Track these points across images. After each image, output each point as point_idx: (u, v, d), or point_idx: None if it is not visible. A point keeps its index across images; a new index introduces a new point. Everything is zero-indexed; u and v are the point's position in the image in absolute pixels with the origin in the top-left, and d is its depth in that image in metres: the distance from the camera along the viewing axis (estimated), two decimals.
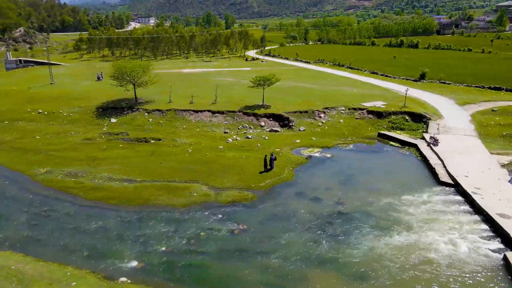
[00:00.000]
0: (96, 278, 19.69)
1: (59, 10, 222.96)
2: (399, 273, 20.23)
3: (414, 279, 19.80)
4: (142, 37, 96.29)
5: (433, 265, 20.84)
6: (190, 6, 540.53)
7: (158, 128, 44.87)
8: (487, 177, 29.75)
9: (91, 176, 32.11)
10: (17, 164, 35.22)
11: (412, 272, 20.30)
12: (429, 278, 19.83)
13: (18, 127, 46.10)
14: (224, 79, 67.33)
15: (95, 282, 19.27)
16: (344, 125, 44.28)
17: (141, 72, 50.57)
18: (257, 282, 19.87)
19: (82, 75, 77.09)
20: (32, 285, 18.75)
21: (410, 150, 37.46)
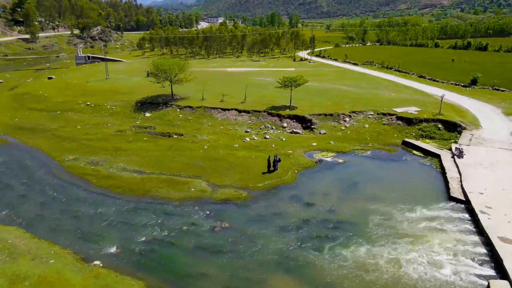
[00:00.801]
0: (74, 258, 21.49)
1: (135, 11, 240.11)
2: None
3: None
4: (196, 36, 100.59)
5: (405, 286, 19.54)
6: (259, 6, 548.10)
7: (185, 124, 46.81)
8: (506, 196, 26.83)
9: (108, 165, 34.71)
10: (52, 150, 39.18)
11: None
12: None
13: (66, 117, 51.05)
14: (263, 79, 67.76)
15: (71, 262, 21.06)
16: (368, 130, 42.43)
17: (177, 70, 52.97)
18: (218, 280, 20.26)
19: (135, 71, 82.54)
20: (18, 258, 21.08)
21: (432, 161, 34.91)
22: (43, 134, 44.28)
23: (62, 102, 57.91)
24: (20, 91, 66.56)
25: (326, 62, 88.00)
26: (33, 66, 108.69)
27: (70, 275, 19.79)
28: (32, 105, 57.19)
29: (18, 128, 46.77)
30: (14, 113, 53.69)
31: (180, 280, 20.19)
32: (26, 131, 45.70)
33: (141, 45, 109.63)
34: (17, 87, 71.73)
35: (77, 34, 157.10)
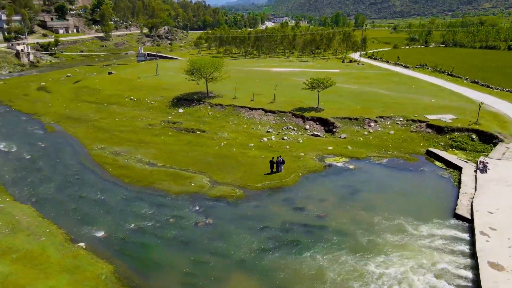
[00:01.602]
0: (64, 238, 23.57)
1: (202, 11, 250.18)
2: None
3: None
4: (248, 36, 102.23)
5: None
6: (329, 6, 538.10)
7: (212, 121, 48.17)
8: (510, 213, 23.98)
9: (127, 156, 37.11)
10: (87, 139, 42.81)
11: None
12: None
13: (109, 110, 55.28)
14: (302, 80, 66.76)
15: (59, 241, 23.13)
16: (392, 137, 40.14)
17: (211, 69, 54.56)
18: (180, 273, 20.94)
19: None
20: (17, 233, 23.67)
21: (452, 174, 32.14)
22: (84, 124, 48.49)
23: (111, 95, 62.65)
24: (80, 85, 73.22)
25: (376, 64, 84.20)
26: (102, 62, 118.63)
27: (52, 252, 21.79)
28: (85, 98, 62.70)
29: (66, 118, 51.73)
30: (68, 104, 59.37)
31: (146, 269, 21.19)
32: (72, 120, 50.40)
33: (197, 44, 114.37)
34: (80, 80, 78.89)
35: (146, 33, 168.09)
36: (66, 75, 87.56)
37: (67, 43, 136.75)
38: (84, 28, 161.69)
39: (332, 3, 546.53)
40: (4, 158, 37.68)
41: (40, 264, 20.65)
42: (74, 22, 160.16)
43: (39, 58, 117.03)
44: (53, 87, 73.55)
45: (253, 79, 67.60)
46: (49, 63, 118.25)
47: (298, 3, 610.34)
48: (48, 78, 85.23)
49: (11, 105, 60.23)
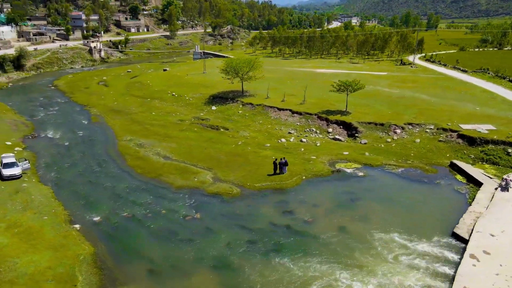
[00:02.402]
0: (64, 219, 25.88)
1: (268, 11, 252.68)
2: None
3: None
4: (300, 37, 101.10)
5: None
6: (404, 5, 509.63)
7: (239, 120, 48.95)
8: None
9: (148, 149, 39.34)
10: (121, 130, 46.08)
11: None
12: None
13: (150, 104, 58.70)
14: None
15: (58, 221, 25.46)
16: (417, 145, 37.52)
17: (246, 69, 55.36)
18: (152, 262, 21.91)
19: None
20: (27, 210, 26.52)
21: (470, 190, 29.35)
22: (124, 116, 52.17)
23: (157, 91, 66.40)
24: (135, 80, 78.55)
25: (431, 68, 78.48)
26: (164, 59, 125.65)
27: (48, 231, 24.14)
28: (134, 92, 67.21)
29: (111, 110, 56.04)
30: (118, 98, 64.14)
31: (123, 254, 22.58)
32: (114, 112, 54.49)
33: (252, 44, 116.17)
34: (137, 76, 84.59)
35: (209, 32, 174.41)
36: (127, 71, 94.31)
37: (136, 41, 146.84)
38: (154, 27, 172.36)
39: (408, 1, 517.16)
40: (46, 144, 42.07)
41: (33, 239, 23.06)
42: (145, 21, 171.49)
43: (110, 55, 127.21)
44: (111, 81, 79.78)
45: (293, 80, 67.16)
46: (118, 59, 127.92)
47: (371, 2, 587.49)
48: (111, 73, 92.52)
49: (71, 97, 66.59)
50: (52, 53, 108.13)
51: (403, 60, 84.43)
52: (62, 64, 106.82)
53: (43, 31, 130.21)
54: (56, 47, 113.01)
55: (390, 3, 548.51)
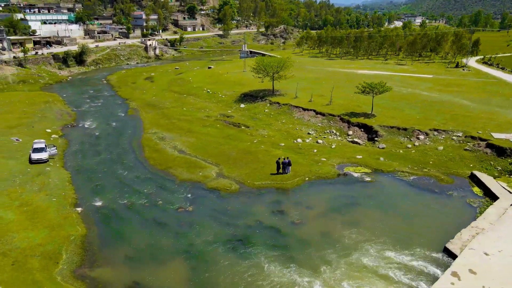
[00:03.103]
0: (70, 202, 27.91)
1: (325, 10, 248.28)
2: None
3: None
4: (346, 37, 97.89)
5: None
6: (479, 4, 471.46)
7: (263, 118, 49.05)
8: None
9: (168, 142, 40.93)
10: (149, 123, 48.41)
11: None
12: None
13: (184, 100, 60.80)
14: None
15: (64, 204, 27.53)
16: (439, 153, 34.95)
17: (276, 68, 55.25)
18: (136, 249, 22.97)
19: None
20: (41, 191, 29.01)
21: (484, 204, 26.85)
22: (156, 111, 54.67)
23: (195, 87, 68.62)
24: (178, 77, 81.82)
25: (485, 71, 72.02)
26: (214, 57, 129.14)
27: (52, 211, 26.25)
28: (174, 88, 70.06)
29: (147, 104, 59.00)
30: (157, 93, 67.27)
31: (110, 239, 23.91)
32: (150, 107, 57.29)
33: (299, 44, 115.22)
34: (182, 73, 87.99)
35: (262, 32, 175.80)
36: (175, 68, 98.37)
37: (191, 39, 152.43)
38: (209, 27, 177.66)
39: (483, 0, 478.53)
40: (80, 133, 45.49)
41: (36, 218, 25.25)
42: (202, 21, 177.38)
43: (164, 52, 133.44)
44: (157, 77, 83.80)
45: (329, 80, 65.66)
46: (172, 56, 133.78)
47: (441, 1, 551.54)
48: (159, 69, 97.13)
49: (117, 91, 71.10)
50: (111, 50, 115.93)
51: (459, 62, 78.54)
52: (119, 60, 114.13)
53: (106, 30, 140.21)
54: (115, 44, 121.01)
55: (463, 1, 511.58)
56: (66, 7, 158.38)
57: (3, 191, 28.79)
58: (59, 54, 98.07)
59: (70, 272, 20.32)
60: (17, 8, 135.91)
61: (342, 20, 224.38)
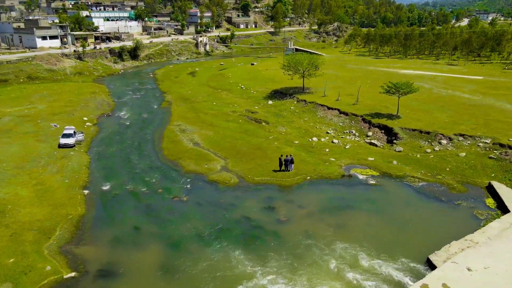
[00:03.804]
0: (80, 184, 30.01)
1: (385, 7, 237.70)
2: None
3: None
4: (395, 35, 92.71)
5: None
6: None
7: (286, 115, 48.68)
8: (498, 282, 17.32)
9: (187, 134, 42.24)
10: (176, 116, 50.16)
11: None
12: None
13: (217, 95, 62.06)
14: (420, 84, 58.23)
15: (74, 185, 29.68)
16: (459, 160, 32.33)
17: (306, 65, 54.43)
18: (122, 232, 24.23)
19: None
20: (57, 173, 31.55)
21: (494, 217, 24.50)
22: (187, 104, 56.48)
23: (231, 83, 69.78)
24: (219, 72, 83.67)
25: None
26: (262, 54, 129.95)
27: (61, 192, 28.44)
28: (211, 83, 71.83)
29: (181, 98, 61.17)
30: (195, 87, 69.39)
31: (103, 221, 25.41)
32: (182, 100, 59.34)
33: (348, 42, 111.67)
34: (225, 69, 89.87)
35: (314, 29, 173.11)
36: (220, 64, 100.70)
37: (242, 36, 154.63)
38: (262, 24, 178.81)
39: None
40: (112, 122, 48.46)
41: (45, 196, 27.58)
42: (255, 18, 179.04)
43: (214, 48, 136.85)
44: (200, 72, 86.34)
45: (366, 79, 63.28)
46: (221, 53, 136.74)
47: None
48: (204, 65, 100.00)
49: (159, 84, 74.43)
50: (164, 45, 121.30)
51: None
52: (170, 55, 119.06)
53: (162, 26, 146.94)
54: (168, 40, 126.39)
55: None
56: (130, 5, 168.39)
57: (27, 170, 31.77)
58: (115, 49, 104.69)
59: (58, 247, 22.04)
60: (85, 6, 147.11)
61: (402, 17, 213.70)
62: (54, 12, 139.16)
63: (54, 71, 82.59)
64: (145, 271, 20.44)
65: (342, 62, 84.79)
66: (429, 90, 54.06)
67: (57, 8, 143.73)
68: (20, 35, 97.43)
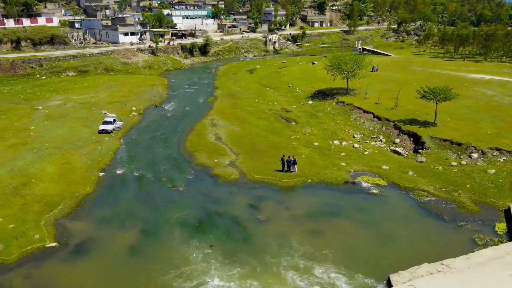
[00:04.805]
0: (99, 167, 32.99)
1: (482, 4, 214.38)
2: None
3: None
4: (473, 35, 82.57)
5: None
6: None
7: (320, 116, 47.44)
8: None
9: (215, 129, 43.56)
10: (216, 110, 51.62)
11: None
12: None
13: (263, 92, 62.49)
14: (483, 90, 51.85)
15: (94, 168, 32.74)
16: (485, 177, 28.54)
17: (351, 66, 52.19)
18: (113, 213, 26.31)
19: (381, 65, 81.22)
20: (85, 155, 35.08)
21: (494, 244, 21.47)
22: (230, 100, 57.95)
23: (282, 81, 69.71)
24: (277, 70, 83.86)
25: None
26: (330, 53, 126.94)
27: (79, 172, 31.67)
28: (263, 81, 72.56)
29: (228, 93, 62.85)
30: (246, 84, 70.77)
31: (102, 201, 27.77)
32: (228, 96, 61.04)
33: (421, 42, 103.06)
34: (285, 67, 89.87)
35: (393, 28, 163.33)
36: (282, 62, 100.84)
37: (314, 35, 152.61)
38: (338, 22, 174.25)
39: None
40: (156, 113, 51.88)
41: (65, 175, 31.00)
42: (331, 16, 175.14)
43: (284, 47, 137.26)
44: (259, 70, 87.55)
45: (421, 82, 58.08)
46: (290, 51, 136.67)
47: None
48: (267, 63, 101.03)
49: (215, 80, 77.28)
50: (234, 42, 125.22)
51: None
52: (238, 52, 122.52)
53: (237, 24, 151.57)
54: (239, 38, 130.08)
55: None
56: (211, 4, 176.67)
57: (62, 150, 35.91)
58: (186, 45, 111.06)
59: (54, 220, 24.81)
60: (169, 5, 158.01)
61: (502, 15, 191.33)
62: (142, 10, 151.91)
63: (128, 64, 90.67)
64: (115, 250, 22.10)
65: (407, 64, 79.22)
66: (490, 97, 48.25)
67: (145, 7, 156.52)
68: (107, 31, 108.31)
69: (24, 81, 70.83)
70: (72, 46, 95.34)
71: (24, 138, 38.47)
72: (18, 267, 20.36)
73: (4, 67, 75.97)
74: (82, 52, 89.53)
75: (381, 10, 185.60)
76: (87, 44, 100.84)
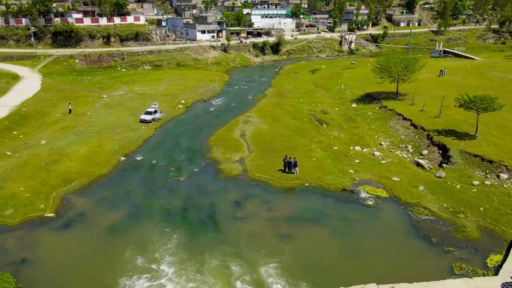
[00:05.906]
0: (124, 153, 36.15)
1: None
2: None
3: None
4: None
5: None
6: None
7: (358, 120, 44.99)
8: None
9: (246, 125, 44.03)
10: (255, 108, 52.21)
11: None
12: None
13: (313, 93, 61.01)
14: None
15: (119, 153, 36.01)
16: (506, 202, 24.52)
17: (400, 69, 48.46)
18: (112, 193, 28.76)
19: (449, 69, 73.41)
20: (117, 139, 38.65)
21: (475, 275, 18.67)
22: (276, 99, 57.77)
23: (338, 82, 67.13)
24: (339, 71, 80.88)
25: None
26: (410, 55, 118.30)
27: (105, 155, 34.99)
28: (318, 81, 70.63)
29: (278, 92, 62.65)
30: (299, 84, 69.71)
31: (111, 182, 30.47)
32: (276, 95, 60.99)
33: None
34: (350, 68, 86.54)
35: (494, 29, 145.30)
36: (351, 63, 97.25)
37: (397, 35, 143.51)
38: (428, 22, 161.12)
39: None
40: (201, 107, 54.34)
41: (91, 156, 34.58)
42: (420, 15, 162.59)
43: (361, 47, 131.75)
44: (322, 70, 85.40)
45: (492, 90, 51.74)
46: (368, 52, 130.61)
47: None
48: (335, 63, 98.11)
49: (273, 78, 77.73)
50: (307, 42, 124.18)
51: None
52: (311, 52, 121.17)
53: (314, 24, 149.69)
54: (313, 37, 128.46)
55: None
56: (294, 3, 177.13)
57: (101, 135, 40.00)
58: (258, 44, 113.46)
59: (64, 194, 28.10)
60: (250, 5, 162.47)
61: None
62: (225, 9, 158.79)
63: (198, 60, 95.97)
64: (98, 227, 24.32)
65: (488, 69, 70.57)
66: None
67: (229, 6, 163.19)
68: (187, 29, 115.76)
69: (106, 73, 79.43)
70: (153, 43, 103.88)
71: (77, 122, 43.69)
72: (16, 230, 23.71)
73: (92, 59, 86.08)
74: (160, 48, 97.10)
75: (482, 8, 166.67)
76: (167, 41, 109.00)
